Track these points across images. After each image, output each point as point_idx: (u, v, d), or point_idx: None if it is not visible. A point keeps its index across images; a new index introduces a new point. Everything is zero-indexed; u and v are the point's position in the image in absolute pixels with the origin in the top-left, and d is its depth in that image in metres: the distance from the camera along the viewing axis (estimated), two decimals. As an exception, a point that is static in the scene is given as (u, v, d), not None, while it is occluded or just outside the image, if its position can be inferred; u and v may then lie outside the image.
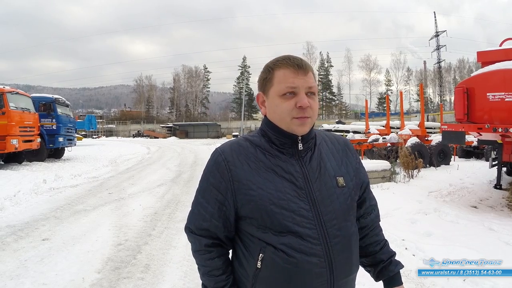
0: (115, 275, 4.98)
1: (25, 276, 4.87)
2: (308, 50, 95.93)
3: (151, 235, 6.76)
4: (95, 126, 58.53)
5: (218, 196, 1.61)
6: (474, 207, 8.69)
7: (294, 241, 1.51)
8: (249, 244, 1.61)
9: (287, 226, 1.52)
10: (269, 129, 1.67)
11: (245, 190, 1.57)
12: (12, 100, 16.29)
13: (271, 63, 1.67)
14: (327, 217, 1.57)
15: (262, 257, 1.55)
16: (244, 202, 1.57)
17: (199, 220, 1.67)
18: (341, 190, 1.66)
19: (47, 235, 6.68)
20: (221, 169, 1.61)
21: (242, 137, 1.75)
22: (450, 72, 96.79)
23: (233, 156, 1.62)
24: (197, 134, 79.74)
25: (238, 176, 1.59)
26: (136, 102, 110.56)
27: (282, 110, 1.59)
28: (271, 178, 1.57)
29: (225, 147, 1.68)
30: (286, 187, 1.56)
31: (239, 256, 1.66)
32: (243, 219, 1.60)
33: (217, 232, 1.65)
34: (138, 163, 20.64)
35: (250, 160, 1.62)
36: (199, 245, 1.69)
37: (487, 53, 10.07)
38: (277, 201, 1.53)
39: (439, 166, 16.46)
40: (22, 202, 9.32)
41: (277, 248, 1.52)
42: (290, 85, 1.58)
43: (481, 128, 8.38)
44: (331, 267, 1.54)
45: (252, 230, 1.59)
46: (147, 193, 10.95)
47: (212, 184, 1.63)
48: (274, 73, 1.63)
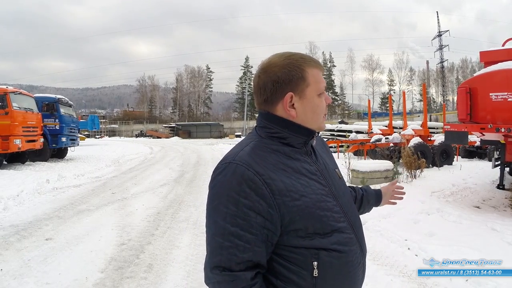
0: (118, 274, 5.00)
1: (28, 275, 4.90)
2: (310, 50, 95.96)
3: (154, 235, 6.77)
4: (98, 126, 58.47)
5: (258, 219, 1.39)
6: (477, 207, 8.67)
7: (340, 237, 1.52)
8: (295, 257, 1.46)
9: (332, 226, 1.51)
10: (286, 129, 1.55)
11: (289, 202, 1.42)
12: (15, 100, 16.33)
13: (298, 62, 1.54)
14: (346, 208, 1.61)
15: (317, 264, 1.45)
16: (292, 215, 1.42)
17: (235, 253, 1.38)
18: (342, 181, 1.72)
19: (50, 234, 6.70)
20: (256, 186, 1.40)
21: (253, 143, 1.56)
22: (453, 72, 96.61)
23: (262, 167, 1.44)
24: (199, 134, 79.74)
25: (279, 188, 1.42)
26: (139, 102, 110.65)
27: (321, 110, 1.60)
28: (306, 183, 1.50)
29: (246, 159, 1.46)
30: (318, 188, 1.53)
31: (282, 273, 1.47)
32: (288, 233, 1.45)
33: (261, 260, 1.42)
34: (141, 163, 20.67)
35: (279, 168, 1.47)
36: (242, 282, 1.38)
37: (490, 53, 10.03)
38: (319, 204, 1.49)
39: (442, 166, 16.41)
40: (25, 202, 9.36)
41: (329, 250, 1.48)
42: (324, 84, 1.60)
43: (484, 128, 8.36)
44: (362, 251, 1.63)
45: (296, 242, 1.45)
46: (150, 193, 10.97)
47: (246, 205, 1.39)
48: (307, 72, 1.54)
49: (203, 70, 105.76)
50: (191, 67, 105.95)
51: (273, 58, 1.59)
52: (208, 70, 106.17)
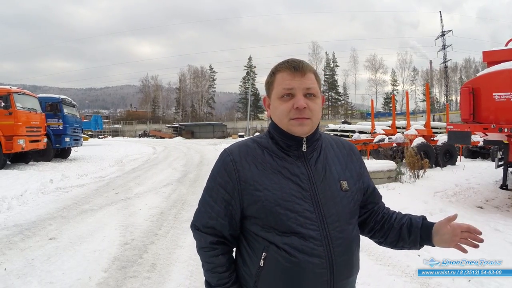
0: (121, 274, 5.01)
1: (32, 275, 4.91)
2: (313, 50, 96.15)
3: (157, 235, 6.79)
4: (101, 126, 58.71)
5: (225, 196, 1.65)
6: (479, 207, 8.67)
7: (296, 241, 1.54)
8: (253, 243, 1.64)
9: (291, 227, 1.55)
10: (275, 131, 1.71)
11: (251, 190, 1.60)
12: (19, 100, 16.37)
13: (274, 67, 1.73)
14: (330, 219, 1.60)
15: (265, 256, 1.58)
16: (250, 202, 1.61)
17: (205, 218, 1.71)
18: (345, 193, 1.69)
19: (54, 234, 6.72)
20: (229, 169, 1.65)
21: (250, 138, 1.80)
22: (456, 71, 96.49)
23: (240, 157, 1.67)
24: (203, 134, 79.82)
25: (245, 176, 1.62)
26: (142, 102, 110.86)
27: (280, 112, 1.65)
28: (277, 180, 1.61)
29: (233, 148, 1.73)
30: (292, 189, 1.59)
31: (243, 254, 1.70)
32: (248, 218, 1.64)
33: (223, 230, 1.68)
34: (144, 163, 20.69)
35: (258, 161, 1.65)
36: (204, 242, 1.72)
37: (493, 53, 10.03)
38: (282, 202, 1.56)
39: (445, 166, 16.41)
40: (29, 202, 9.39)
41: (279, 248, 1.55)
42: (287, 87, 1.63)
43: (487, 128, 8.36)
44: (332, 268, 1.56)
45: (256, 230, 1.62)
46: (153, 193, 10.99)
47: (220, 183, 1.67)
48: (275, 77, 1.70)
49: (206, 70, 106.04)
50: (194, 67, 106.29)
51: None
52: (211, 70, 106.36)
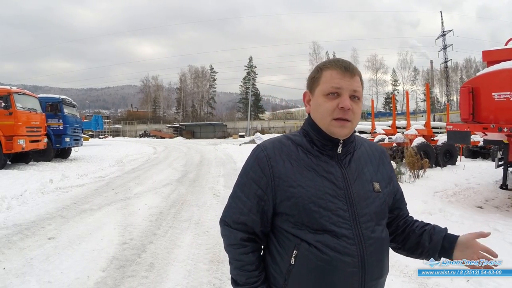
0: (119, 273, 5.01)
1: (30, 274, 4.92)
2: (314, 50, 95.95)
3: (156, 234, 6.79)
4: (102, 126, 58.74)
5: (258, 191, 1.65)
6: (479, 207, 8.67)
7: (329, 239, 1.54)
8: (284, 240, 1.63)
9: (324, 225, 1.55)
10: (312, 130, 1.71)
11: (285, 187, 1.60)
12: (19, 100, 16.40)
13: (321, 64, 1.73)
14: (363, 218, 1.60)
15: (296, 253, 1.57)
16: (283, 198, 1.60)
17: (236, 213, 1.71)
18: (377, 195, 1.69)
19: (53, 234, 6.73)
20: (263, 165, 1.65)
21: (284, 135, 1.79)
22: (457, 71, 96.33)
23: (275, 153, 1.66)
24: (203, 134, 79.85)
25: (279, 172, 1.62)
26: (143, 102, 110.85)
27: (324, 109, 1.64)
28: (311, 177, 1.61)
29: (267, 144, 1.73)
30: (326, 187, 1.60)
31: (272, 252, 1.68)
32: (280, 215, 1.64)
33: (254, 226, 1.68)
34: (144, 163, 20.69)
35: (292, 158, 1.65)
36: (234, 239, 1.71)
37: (493, 52, 10.02)
38: (316, 199, 1.57)
39: (445, 166, 16.41)
40: (29, 202, 9.39)
41: (311, 245, 1.55)
42: (335, 86, 1.62)
43: (486, 128, 8.35)
44: (364, 268, 1.55)
45: (287, 227, 1.61)
46: (153, 192, 10.99)
47: (253, 178, 1.67)
48: (322, 73, 1.68)
49: (207, 70, 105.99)
50: (195, 67, 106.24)
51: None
52: (211, 70, 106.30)
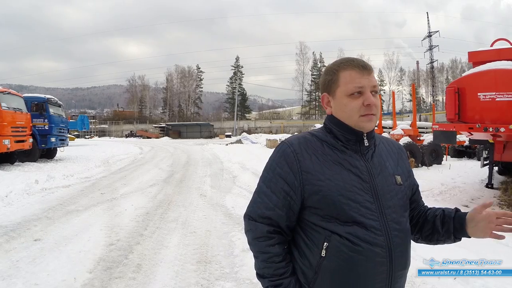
0: (106, 275, 4.98)
1: (17, 276, 4.86)
2: (301, 50, 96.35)
3: (143, 235, 6.75)
4: (88, 126, 58.17)
5: (284, 186, 1.67)
6: (465, 206, 8.74)
7: (359, 230, 1.57)
8: (312, 233, 1.65)
9: (353, 217, 1.58)
10: (335, 126, 1.74)
11: (313, 180, 1.63)
12: (4, 100, 16.23)
13: (335, 66, 1.75)
14: (388, 210, 1.64)
15: (327, 246, 1.59)
16: (312, 192, 1.62)
17: (261, 208, 1.72)
18: (399, 187, 1.74)
19: (39, 235, 6.66)
20: (290, 160, 1.67)
21: (308, 132, 1.82)
22: (443, 72, 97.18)
23: (301, 148, 1.69)
24: (190, 134, 79.61)
25: (307, 167, 1.65)
26: (129, 102, 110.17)
27: (351, 109, 1.67)
28: (338, 171, 1.64)
29: (292, 140, 1.75)
30: (353, 180, 1.63)
31: (300, 246, 1.70)
32: (308, 209, 1.66)
33: (279, 221, 1.69)
34: (131, 163, 20.58)
35: (318, 153, 1.68)
36: (260, 232, 1.71)
37: (479, 53, 10.13)
38: (344, 192, 1.60)
39: (431, 165, 16.55)
40: (14, 203, 9.28)
41: (342, 237, 1.57)
42: (358, 85, 1.66)
43: (472, 127, 8.44)
44: (391, 258, 1.60)
45: (316, 220, 1.64)
46: (140, 193, 10.93)
47: (279, 174, 1.69)
48: (339, 74, 1.71)
49: (193, 70, 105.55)
50: (181, 67, 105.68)
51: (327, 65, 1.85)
52: (198, 70, 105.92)
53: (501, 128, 7.87)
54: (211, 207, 9.10)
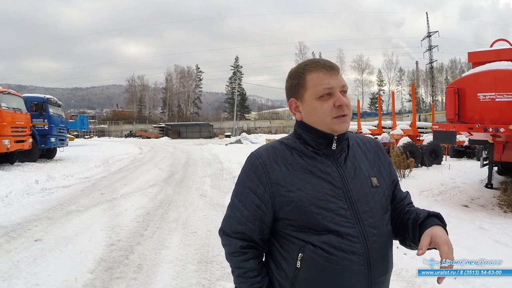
0: (107, 275, 4.98)
1: (17, 277, 4.86)
2: (300, 50, 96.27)
3: (144, 235, 6.76)
4: (87, 126, 58.12)
5: (255, 200, 1.63)
6: (465, 206, 8.75)
7: (334, 239, 1.52)
8: (287, 244, 1.61)
9: (327, 226, 1.53)
10: (304, 131, 1.69)
11: (284, 192, 1.58)
12: (4, 100, 16.22)
13: (300, 69, 1.70)
14: (364, 215, 1.58)
15: (301, 256, 1.55)
16: (282, 204, 1.58)
17: (234, 223, 1.69)
18: (376, 190, 1.68)
19: (40, 235, 6.66)
20: (259, 173, 1.63)
21: (277, 141, 1.77)
22: (442, 72, 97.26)
23: (270, 159, 1.65)
24: (189, 134, 79.55)
25: (277, 178, 1.60)
26: (128, 102, 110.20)
27: (322, 112, 1.62)
28: (309, 179, 1.59)
29: (261, 151, 1.70)
30: (325, 187, 1.58)
31: (276, 258, 1.67)
32: (281, 220, 1.61)
33: (253, 235, 1.66)
34: (131, 163, 20.57)
35: (287, 162, 1.64)
36: (234, 247, 1.69)
37: (478, 54, 10.12)
38: (316, 201, 1.55)
39: (431, 165, 16.55)
40: (14, 203, 9.29)
41: (316, 246, 1.53)
42: (327, 86, 1.61)
43: (472, 128, 8.44)
44: (370, 265, 1.55)
45: (290, 231, 1.59)
46: (140, 193, 10.93)
47: (250, 187, 1.65)
48: (306, 78, 1.66)
49: (193, 70, 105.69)
50: (181, 67, 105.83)
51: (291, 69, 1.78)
52: (197, 70, 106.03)
53: (500, 129, 7.87)
54: (212, 207, 9.11)
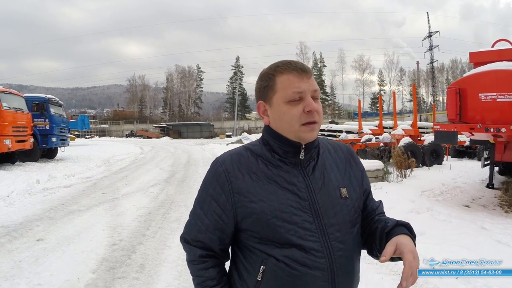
0: (110, 275, 4.99)
1: (20, 276, 4.88)
2: (301, 50, 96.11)
3: (146, 235, 6.77)
4: (88, 126, 58.25)
5: (216, 209, 1.56)
6: (466, 206, 8.75)
7: (297, 254, 1.46)
8: (250, 256, 1.54)
9: (290, 239, 1.47)
10: (272, 137, 1.60)
11: (246, 202, 1.51)
12: (5, 100, 16.24)
13: (270, 70, 1.60)
14: (331, 229, 1.51)
15: (263, 269, 1.49)
16: (245, 215, 1.51)
17: (194, 231, 1.62)
18: (344, 201, 1.59)
19: (42, 235, 6.67)
20: (221, 181, 1.56)
21: (243, 146, 1.69)
22: (443, 72, 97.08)
23: (233, 167, 1.57)
24: (190, 134, 79.44)
25: (239, 188, 1.53)
26: (129, 102, 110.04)
27: (291, 117, 1.52)
28: (272, 190, 1.52)
29: (225, 157, 1.63)
30: (289, 199, 1.51)
31: (239, 268, 1.60)
32: (244, 231, 1.55)
33: (212, 245, 1.60)
34: (132, 163, 20.59)
35: (252, 171, 1.56)
36: (193, 255, 1.63)
37: (480, 54, 10.13)
38: (279, 213, 1.48)
39: (432, 165, 16.53)
40: (16, 203, 9.31)
41: (279, 260, 1.47)
42: (297, 90, 1.51)
43: (473, 128, 8.44)
44: (334, 281, 1.48)
45: (253, 243, 1.53)
46: (141, 193, 10.95)
47: (211, 195, 1.58)
48: (276, 80, 1.56)
49: (194, 70, 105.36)
50: (182, 67, 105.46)
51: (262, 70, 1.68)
52: (198, 70, 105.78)
53: (502, 129, 7.87)
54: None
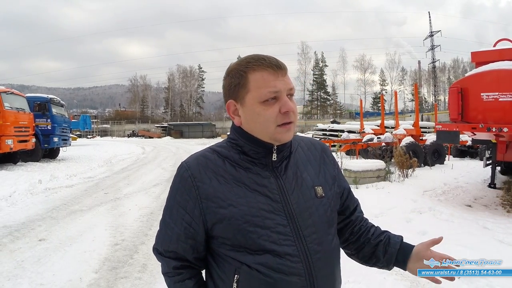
0: (112, 275, 5.00)
1: (22, 276, 4.89)
2: (303, 50, 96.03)
3: (148, 235, 6.77)
4: (90, 126, 58.37)
5: (185, 217, 1.46)
6: (468, 206, 8.74)
7: (271, 260, 1.38)
8: (223, 264, 1.45)
9: (263, 245, 1.38)
10: (243, 139, 1.50)
11: (214, 208, 1.42)
12: (7, 100, 16.26)
13: (241, 66, 1.47)
14: (307, 231, 1.44)
15: (237, 278, 1.40)
16: (214, 221, 1.42)
17: (166, 242, 1.53)
18: (320, 201, 1.52)
19: (44, 235, 6.69)
20: (188, 186, 1.46)
21: (209, 148, 1.58)
22: (445, 72, 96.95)
23: (200, 171, 1.47)
24: (192, 134, 79.42)
25: (207, 193, 1.43)
26: (131, 102, 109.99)
27: (266, 119, 1.41)
28: (242, 193, 1.43)
29: (191, 161, 1.52)
30: (260, 202, 1.42)
31: (213, 277, 1.50)
32: (215, 238, 1.46)
33: (186, 255, 1.50)
34: (133, 163, 20.62)
35: (219, 174, 1.46)
36: (168, 267, 1.53)
37: (481, 54, 10.13)
38: (250, 218, 1.39)
39: (434, 165, 16.50)
40: (18, 203, 9.32)
41: (252, 268, 1.38)
42: (273, 89, 1.40)
43: (475, 127, 8.44)
44: (313, 285, 1.40)
45: (225, 250, 1.44)
46: (143, 193, 10.97)
47: (179, 202, 1.48)
48: (248, 77, 1.44)
49: (195, 69, 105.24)
50: (183, 66, 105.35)
51: (230, 65, 1.55)
52: (200, 70, 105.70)
53: (504, 128, 7.86)
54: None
